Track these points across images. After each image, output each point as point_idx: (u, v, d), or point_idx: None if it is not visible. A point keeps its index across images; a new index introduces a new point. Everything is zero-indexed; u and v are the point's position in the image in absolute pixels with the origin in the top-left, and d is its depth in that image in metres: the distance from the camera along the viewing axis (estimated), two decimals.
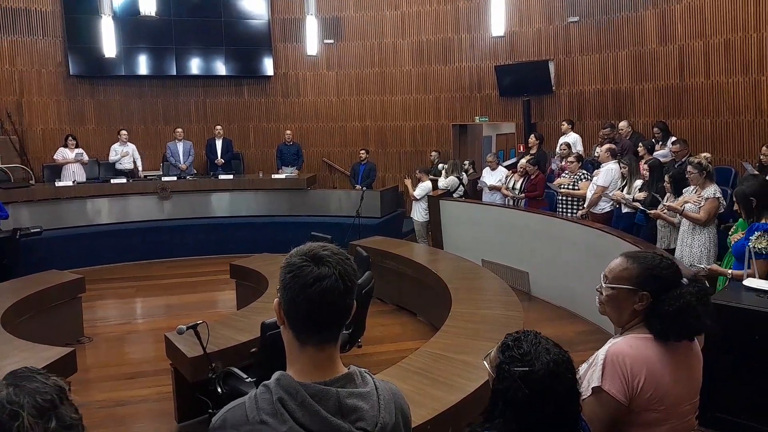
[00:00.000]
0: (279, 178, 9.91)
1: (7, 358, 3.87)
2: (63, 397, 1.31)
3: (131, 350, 5.91)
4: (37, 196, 8.61)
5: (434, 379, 3.36)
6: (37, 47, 10.08)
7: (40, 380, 1.31)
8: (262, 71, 11.29)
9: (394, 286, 6.67)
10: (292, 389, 1.18)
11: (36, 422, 1.23)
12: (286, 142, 10.51)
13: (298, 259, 1.22)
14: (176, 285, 7.76)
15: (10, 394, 1.25)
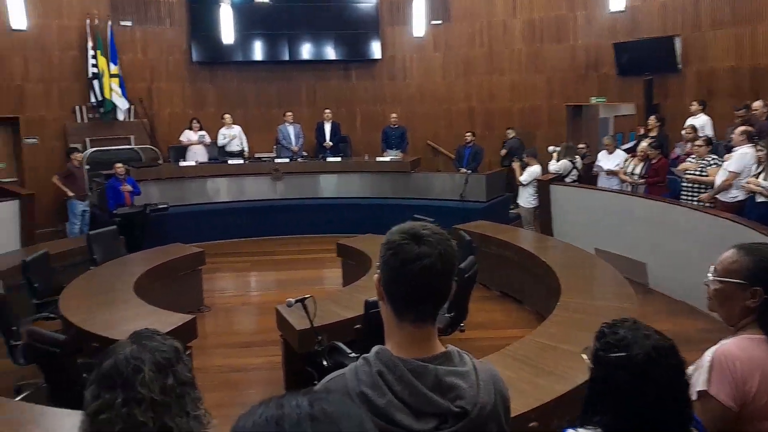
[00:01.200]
0: (384, 161, 10.01)
1: (138, 321, 4.23)
2: (179, 357, 1.40)
3: (245, 321, 6.27)
4: (164, 174, 9.33)
5: (539, 368, 3.26)
6: (166, 36, 10.85)
7: (159, 340, 1.40)
8: (370, 55, 11.40)
9: (498, 273, 6.53)
10: (391, 363, 1.19)
11: (155, 377, 1.31)
12: (392, 125, 10.57)
13: (398, 237, 1.23)
14: (287, 261, 8.12)
15: (134, 351, 1.34)
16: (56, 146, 9.74)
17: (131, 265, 5.84)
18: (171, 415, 1.31)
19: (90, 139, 9.96)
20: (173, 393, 1.32)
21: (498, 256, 6.47)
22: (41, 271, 5.38)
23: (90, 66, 9.85)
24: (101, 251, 6.17)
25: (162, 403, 1.30)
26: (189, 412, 1.35)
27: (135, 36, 10.60)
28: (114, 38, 10.09)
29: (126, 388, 1.29)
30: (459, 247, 5.30)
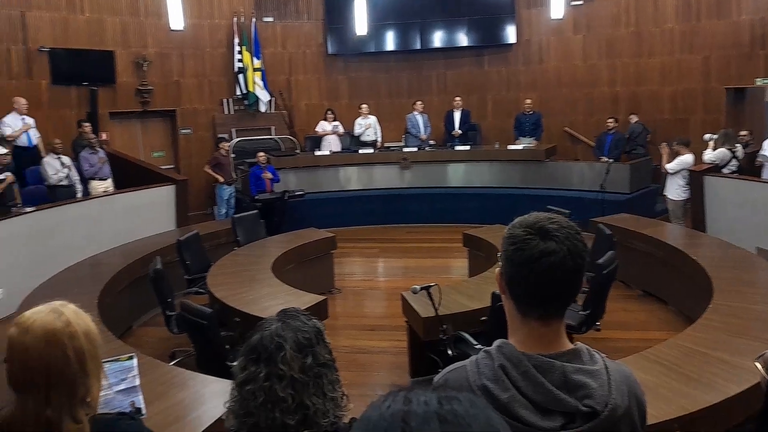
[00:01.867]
0: (516, 149, 9.68)
1: (275, 299, 4.51)
2: (320, 338, 1.45)
3: (373, 304, 6.42)
4: (301, 163, 9.80)
5: (685, 375, 2.97)
6: (303, 30, 11.36)
7: (302, 320, 1.46)
8: (504, 39, 11.06)
9: (641, 270, 6.05)
10: (515, 358, 1.13)
11: (295, 356, 1.37)
12: (525, 111, 10.18)
13: (521, 231, 1.15)
14: (413, 249, 8.17)
15: (278, 328, 1.41)
16: (206, 136, 10.62)
17: (270, 247, 6.21)
18: (308, 394, 1.36)
19: (236, 129, 10.74)
20: (311, 373, 1.38)
21: (641, 252, 5.98)
22: (193, 250, 5.89)
23: (236, 61, 10.59)
24: (244, 233, 6.62)
25: (301, 382, 1.36)
26: (326, 393, 1.40)
27: (276, 31, 11.21)
28: (257, 34, 10.75)
29: (269, 363, 1.36)
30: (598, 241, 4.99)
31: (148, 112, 10.19)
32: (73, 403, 1.42)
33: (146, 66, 9.91)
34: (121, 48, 9.72)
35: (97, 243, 6.43)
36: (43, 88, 8.98)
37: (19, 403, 1.41)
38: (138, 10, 9.90)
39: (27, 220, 6.52)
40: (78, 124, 8.56)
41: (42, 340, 1.39)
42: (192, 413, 2.86)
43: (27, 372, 1.39)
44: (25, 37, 8.79)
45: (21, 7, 8.74)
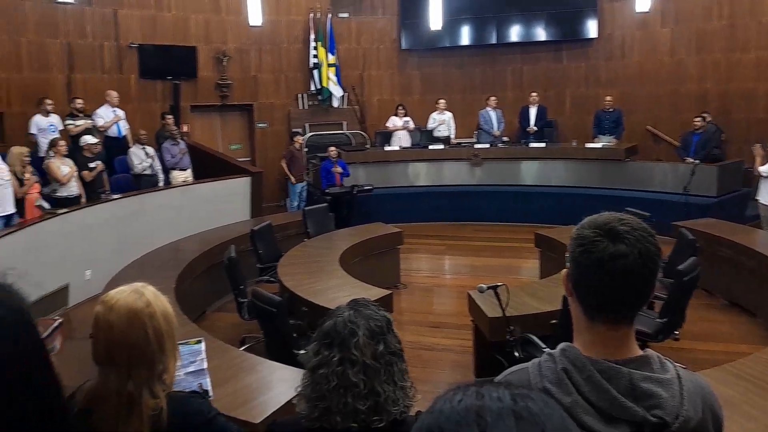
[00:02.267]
0: (594, 148, 9.32)
1: (342, 291, 4.55)
2: (390, 328, 1.49)
3: (438, 302, 6.37)
4: (370, 158, 9.86)
5: None
6: (377, 26, 11.41)
7: (373, 309, 1.51)
8: (584, 34, 10.66)
9: (726, 279, 5.67)
10: (579, 362, 1.09)
11: (368, 342, 1.40)
12: (606, 108, 9.78)
13: (590, 232, 1.10)
14: (482, 248, 8.04)
15: (351, 315, 1.45)
16: (281, 130, 10.88)
17: (338, 240, 6.28)
18: (380, 380, 1.39)
19: (309, 124, 10.95)
20: (383, 360, 1.40)
21: (728, 259, 5.61)
22: (265, 240, 6.06)
23: (311, 57, 10.79)
24: (314, 225, 6.74)
25: (372, 368, 1.39)
26: (396, 381, 1.42)
27: (351, 27, 11.32)
28: (332, 30, 10.89)
29: (342, 348, 1.40)
30: (680, 246, 4.71)
31: (227, 105, 10.57)
32: (152, 380, 1.50)
33: (226, 61, 10.27)
34: (203, 44, 10.13)
35: (177, 230, 6.74)
36: (132, 82, 9.50)
37: (101, 377, 1.50)
38: (219, 7, 10.27)
39: (114, 206, 6.91)
40: (162, 116, 9.00)
41: (125, 318, 1.48)
42: (259, 397, 2.93)
43: (111, 348, 1.48)
44: (116, 34, 9.32)
45: (114, 5, 9.27)
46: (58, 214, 6.21)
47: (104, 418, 1.46)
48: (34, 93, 8.16)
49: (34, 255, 5.65)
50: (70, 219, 6.29)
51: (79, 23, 8.98)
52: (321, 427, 1.41)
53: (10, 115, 8.24)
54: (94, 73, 9.15)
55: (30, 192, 6.32)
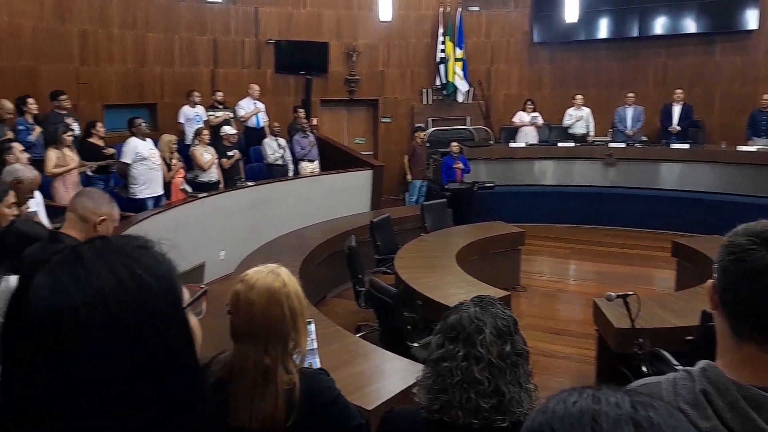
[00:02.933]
0: (748, 151, 8.39)
1: (458, 288, 4.48)
2: (517, 329, 1.46)
3: (560, 308, 6.07)
4: (494, 155, 9.63)
5: None
6: (509, 19, 11.10)
7: (500, 308, 1.50)
8: (742, 25, 9.64)
9: None
10: (722, 385, 0.96)
11: (494, 341, 1.39)
12: (763, 108, 8.74)
13: (744, 240, 0.98)
14: (611, 254, 7.58)
15: (477, 312, 1.43)
16: (404, 125, 10.97)
17: (456, 236, 6.20)
18: (505, 380, 1.37)
19: (432, 119, 10.93)
20: (509, 360, 1.38)
21: None
22: (384, 232, 6.14)
23: (438, 51, 10.74)
24: (432, 220, 6.70)
25: (498, 367, 1.37)
26: (521, 383, 1.40)
27: (480, 20, 11.12)
28: (462, 24, 10.76)
29: (467, 343, 1.38)
30: None
31: (354, 100, 10.85)
32: (286, 355, 1.59)
33: (355, 57, 10.54)
34: (334, 39, 10.47)
35: (303, 218, 7.04)
36: (268, 77, 10.06)
37: (239, 351, 1.60)
38: (352, 3, 10.55)
39: (247, 193, 7.36)
40: (294, 109, 9.43)
41: (264, 296, 1.57)
42: (372, 385, 2.95)
43: (250, 324, 1.57)
44: (256, 30, 9.91)
45: (255, 3, 9.86)
46: (199, 197, 6.72)
47: (241, 390, 1.56)
48: (183, 86, 8.92)
49: (176, 234, 6.16)
50: (208, 203, 6.79)
51: (224, 21, 9.66)
52: (440, 420, 1.40)
53: (162, 105, 9.07)
54: (234, 68, 9.80)
55: (176, 176, 6.90)
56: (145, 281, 0.68)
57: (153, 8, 8.91)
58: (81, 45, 8.11)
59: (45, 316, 0.65)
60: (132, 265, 0.69)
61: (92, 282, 0.66)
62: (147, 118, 8.27)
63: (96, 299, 0.65)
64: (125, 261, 0.69)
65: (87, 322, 0.64)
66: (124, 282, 0.67)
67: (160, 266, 0.72)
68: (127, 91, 8.70)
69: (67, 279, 0.66)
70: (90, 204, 2.48)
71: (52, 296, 0.66)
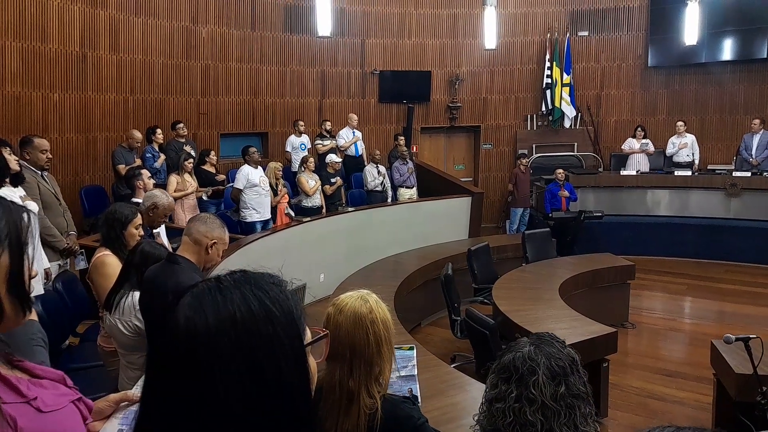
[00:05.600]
0: None
1: (560, 322, 4.28)
2: (575, 368, 1.40)
3: (672, 348, 5.63)
4: (602, 182, 9.20)
5: None
6: (621, 42, 10.66)
7: (557, 347, 1.45)
8: None
9: None
10: None
11: (548, 382, 1.35)
12: None
13: None
14: (733, 291, 6.95)
15: (531, 352, 1.41)
16: (506, 151, 10.80)
17: (559, 268, 5.95)
18: (559, 423, 1.33)
19: (536, 145, 10.68)
20: (563, 402, 1.34)
21: None
22: (482, 260, 6.03)
23: (545, 77, 10.52)
24: (533, 250, 6.49)
25: (552, 409, 1.33)
26: (578, 425, 1.35)
27: (590, 45, 10.78)
28: (570, 49, 10.49)
29: (520, 384, 1.37)
30: None
31: (455, 127, 10.86)
32: (369, 380, 1.63)
33: (458, 84, 10.58)
34: (437, 68, 10.58)
35: (400, 243, 7.09)
36: (371, 106, 10.35)
37: (328, 371, 1.67)
38: (456, 32, 10.64)
39: (348, 218, 7.56)
40: (395, 137, 9.61)
41: (351, 320, 1.64)
42: (466, 417, 2.87)
43: (337, 345, 1.64)
44: (362, 61, 10.26)
45: (363, 35, 10.23)
46: (303, 222, 6.99)
47: (329, 409, 1.63)
48: (292, 115, 9.41)
49: (282, 256, 6.42)
50: (311, 227, 7.04)
51: (333, 53, 10.09)
52: None
53: (273, 134, 9.60)
54: (341, 98, 10.19)
55: (281, 201, 7.23)
56: (271, 311, 0.75)
57: (267, 43, 9.51)
58: (203, 78, 8.82)
59: (184, 333, 0.73)
60: (262, 296, 0.76)
61: (227, 306, 0.74)
62: (258, 146, 8.78)
63: (226, 323, 0.72)
64: (257, 292, 0.76)
65: (217, 342, 0.71)
66: (253, 309, 0.74)
67: (287, 301, 0.78)
68: (240, 121, 9.31)
69: (207, 302, 0.74)
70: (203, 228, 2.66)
71: (192, 316, 0.74)
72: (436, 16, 10.50)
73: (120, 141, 7.27)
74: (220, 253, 2.71)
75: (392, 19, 10.30)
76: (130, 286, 2.75)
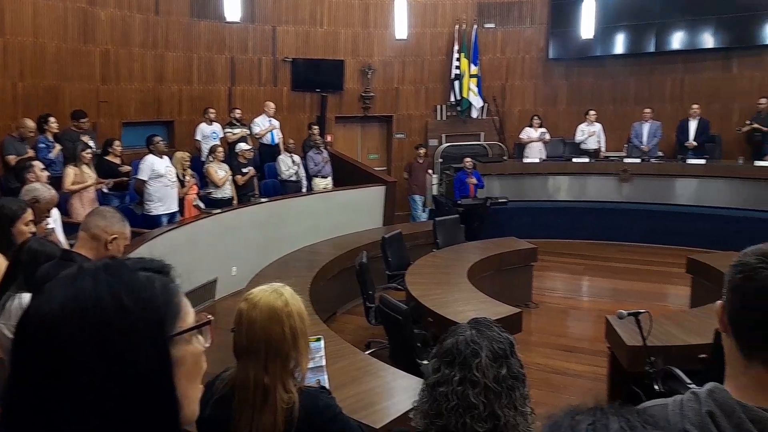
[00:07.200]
0: (765, 166, 8.27)
1: (468, 305, 4.47)
2: (513, 351, 1.46)
3: (571, 325, 6.02)
4: (507, 170, 9.61)
5: None
6: (524, 35, 11.14)
7: (496, 331, 1.48)
8: (761, 40, 9.55)
9: None
10: (728, 406, 0.97)
11: (490, 364, 1.38)
12: None
13: (753, 259, 1.00)
14: (625, 270, 7.50)
15: (473, 335, 1.43)
16: (417, 141, 10.98)
17: (467, 253, 6.18)
18: (500, 404, 1.36)
19: (445, 134, 10.97)
20: (505, 384, 1.38)
21: None
22: (395, 248, 6.15)
23: (453, 68, 10.80)
24: (443, 236, 6.70)
25: (494, 391, 1.36)
26: (517, 406, 1.39)
27: (496, 37, 11.17)
28: (477, 40, 10.82)
29: (463, 368, 1.38)
30: None
31: (368, 116, 10.93)
32: (285, 374, 1.61)
33: (371, 74, 10.63)
34: (350, 57, 10.58)
35: (315, 234, 7.09)
36: (284, 94, 10.19)
37: (241, 368, 1.63)
38: (368, 21, 10.67)
39: (261, 209, 7.44)
40: (308, 126, 9.54)
41: (266, 315, 1.61)
42: (381, 403, 2.95)
43: (251, 341, 1.61)
44: (274, 48, 10.07)
45: (273, 22, 10.03)
46: (213, 213, 6.81)
47: (242, 407, 1.60)
48: (200, 103, 9.07)
49: (190, 250, 6.24)
50: (221, 219, 6.88)
51: (243, 39, 9.83)
52: None
53: (180, 122, 9.23)
54: (251, 86, 9.95)
55: (189, 193, 7.00)
56: (123, 304, 0.71)
57: (172, 28, 9.11)
58: (103, 64, 8.31)
59: (32, 323, 0.70)
60: (117, 286, 0.72)
61: (76, 295, 0.70)
62: (164, 135, 8.42)
63: (74, 312, 0.69)
64: (113, 282, 0.72)
65: (62, 332, 0.68)
66: (103, 301, 0.70)
67: (149, 289, 0.74)
68: (145, 109, 8.88)
69: (58, 291, 0.71)
70: (102, 222, 2.53)
71: (40, 304, 0.71)
72: (348, 5, 10.48)
73: (8, 131, 6.73)
74: (122, 249, 2.59)
75: (304, 7, 10.16)
76: (17, 287, 2.57)
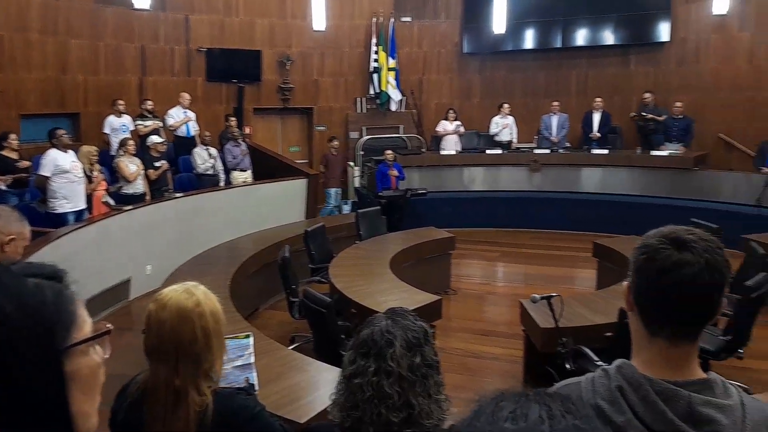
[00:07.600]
0: (660, 155, 8.94)
1: (390, 295, 4.55)
2: (427, 339, 1.47)
3: (488, 309, 6.26)
4: (426, 162, 9.81)
5: None
6: (439, 30, 11.37)
7: (411, 320, 1.48)
8: (656, 37, 10.25)
9: None
10: (635, 381, 1.04)
11: (404, 353, 1.39)
12: (675, 115, 9.35)
13: (655, 241, 1.07)
14: (537, 255, 7.86)
15: (388, 325, 1.44)
16: (339, 133, 10.99)
17: (389, 243, 6.28)
18: (415, 393, 1.37)
19: (366, 127, 11.03)
20: (419, 372, 1.38)
21: None
22: (318, 241, 6.13)
23: (371, 61, 10.86)
24: (366, 228, 6.76)
25: (408, 380, 1.37)
26: (431, 394, 1.40)
27: (413, 31, 11.33)
28: (394, 34, 10.93)
29: (378, 358, 1.38)
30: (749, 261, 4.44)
31: (288, 108, 10.79)
32: (198, 376, 1.56)
33: (289, 65, 10.49)
34: (267, 48, 10.38)
35: (235, 228, 6.93)
36: (198, 85, 9.86)
37: (152, 371, 1.58)
38: (285, 12, 10.51)
39: (175, 204, 7.16)
40: (225, 118, 9.29)
41: (175, 316, 1.55)
42: (306, 397, 2.95)
43: (160, 343, 1.55)
44: (187, 38, 9.70)
45: (186, 11, 9.66)
46: (124, 210, 6.50)
47: (154, 411, 1.54)
48: (108, 94, 8.61)
49: (101, 249, 5.94)
50: (134, 215, 6.57)
51: (153, 28, 9.40)
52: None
53: (86, 114, 8.72)
54: (164, 76, 9.55)
55: (97, 189, 6.64)
56: (5, 312, 0.67)
57: (75, 14, 8.56)
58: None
59: None
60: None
61: None
62: (69, 128, 7.93)
63: None
64: None
65: None
66: None
67: (37, 298, 0.70)
68: (46, 100, 8.32)
69: None
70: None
71: None
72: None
73: None
74: (21, 251, 2.43)
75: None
76: None
